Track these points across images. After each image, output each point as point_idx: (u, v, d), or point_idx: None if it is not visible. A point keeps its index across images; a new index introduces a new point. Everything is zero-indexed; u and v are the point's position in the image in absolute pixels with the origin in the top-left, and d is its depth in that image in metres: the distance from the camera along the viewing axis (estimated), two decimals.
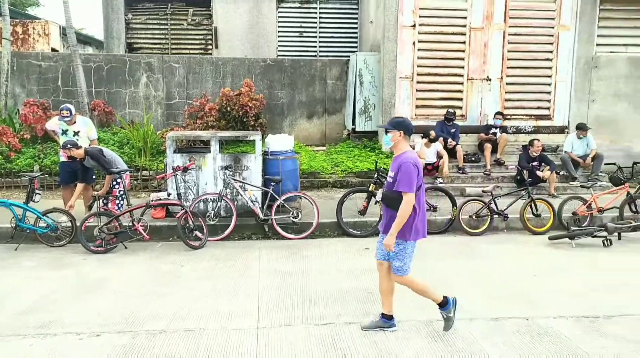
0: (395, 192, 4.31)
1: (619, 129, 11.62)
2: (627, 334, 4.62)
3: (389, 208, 4.45)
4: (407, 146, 4.48)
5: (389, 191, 4.44)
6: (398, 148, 4.45)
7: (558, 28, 11.38)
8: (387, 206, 4.46)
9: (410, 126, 4.48)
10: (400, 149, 4.45)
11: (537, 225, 8.27)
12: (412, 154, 4.38)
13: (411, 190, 4.26)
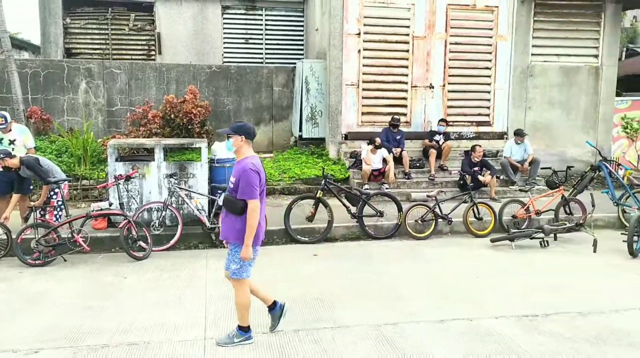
0: (238, 198, 4.25)
1: (553, 135, 12.17)
2: (563, 331, 4.82)
3: (229, 213, 4.36)
4: (250, 150, 4.40)
5: (230, 196, 4.36)
6: (240, 152, 4.38)
7: (496, 38, 11.83)
8: (228, 211, 4.36)
9: (252, 130, 4.40)
10: (242, 154, 4.37)
11: (479, 228, 8.53)
12: (253, 160, 4.32)
13: (255, 197, 4.22)
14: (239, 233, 4.29)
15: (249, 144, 4.39)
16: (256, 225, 4.26)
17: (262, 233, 4.47)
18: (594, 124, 12.27)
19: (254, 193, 4.21)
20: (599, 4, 11.92)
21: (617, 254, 7.36)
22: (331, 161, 11.17)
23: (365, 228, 8.24)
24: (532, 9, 11.77)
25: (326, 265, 6.85)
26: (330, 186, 8.46)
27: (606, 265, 6.98)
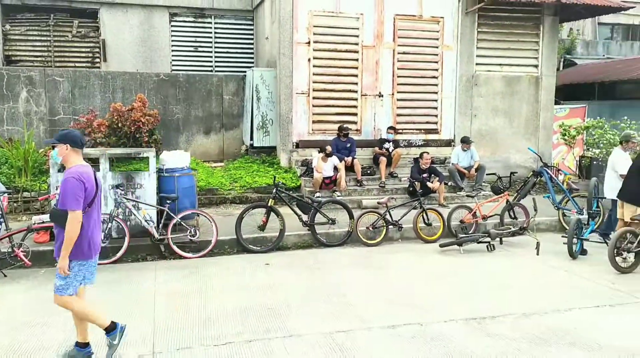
0: (62, 209, 4.04)
1: (498, 142, 12.58)
2: (509, 332, 4.97)
3: (57, 226, 4.15)
4: (78, 159, 4.20)
5: (56, 208, 4.20)
6: (68, 161, 4.18)
7: (442, 48, 12.15)
8: (56, 224, 4.18)
9: (78, 138, 4.22)
10: (70, 162, 4.18)
11: (429, 234, 8.70)
12: (80, 168, 4.11)
13: (77, 207, 3.99)
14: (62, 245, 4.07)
15: (76, 152, 4.18)
16: (75, 236, 4.01)
17: (94, 246, 4.21)
18: (535, 131, 12.76)
19: (74, 203, 3.97)
20: (537, 17, 12.44)
21: (558, 256, 7.65)
22: (283, 170, 11.15)
23: (317, 235, 8.26)
24: (475, 21, 12.16)
25: (278, 274, 6.82)
26: (281, 194, 8.45)
27: (548, 266, 7.25)
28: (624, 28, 23.64)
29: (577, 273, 6.92)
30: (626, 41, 22.08)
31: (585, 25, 22.11)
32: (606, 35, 23.32)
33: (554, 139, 12.98)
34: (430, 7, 11.96)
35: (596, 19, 22.04)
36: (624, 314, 5.50)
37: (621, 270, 6.84)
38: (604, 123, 11.46)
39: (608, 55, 19.59)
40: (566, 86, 15.27)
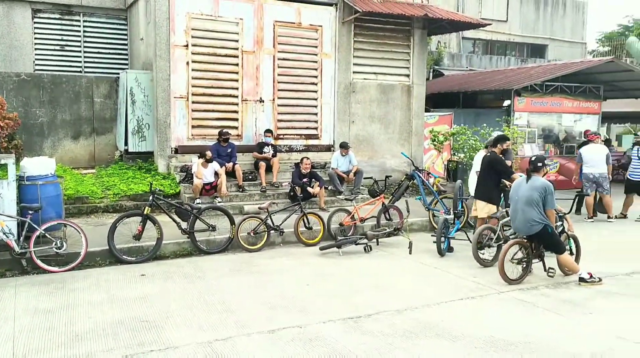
0: None
1: (374, 147, 13.15)
2: (383, 329, 5.20)
3: None
4: None
5: None
6: None
7: (321, 56, 12.46)
8: None
9: None
10: None
11: (309, 237, 8.84)
12: None
13: None
14: None
15: None
16: None
17: None
18: (408, 136, 13.52)
19: None
20: (408, 29, 13.21)
21: (428, 254, 8.15)
22: (161, 176, 10.75)
23: (197, 243, 8.06)
24: (352, 30, 12.62)
25: (155, 285, 6.55)
26: (159, 201, 8.14)
27: (420, 264, 7.69)
28: (484, 43, 25.89)
29: (445, 269, 7.41)
30: (486, 55, 24.17)
31: (451, 39, 23.87)
32: (469, 49, 25.36)
33: (425, 145, 13.82)
34: (309, 16, 12.23)
35: (460, 34, 23.90)
36: (484, 305, 5.99)
37: (484, 264, 7.43)
38: (467, 129, 12.43)
39: (471, 67, 21.32)
40: (435, 95, 16.34)
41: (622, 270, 7.35)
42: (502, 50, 26.34)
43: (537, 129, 15.34)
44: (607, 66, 15.00)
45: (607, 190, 10.85)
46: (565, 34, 27.45)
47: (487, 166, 8.25)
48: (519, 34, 26.28)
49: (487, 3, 25.04)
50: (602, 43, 41.94)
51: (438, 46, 22.22)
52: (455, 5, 23.97)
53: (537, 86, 14.63)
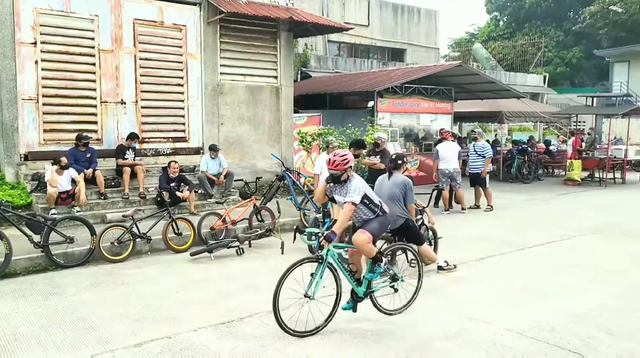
0: None
1: (245, 149, 13.08)
2: (256, 331, 5.19)
3: None
4: None
5: None
6: None
7: (186, 56, 12.12)
8: None
9: None
10: None
11: (179, 243, 8.56)
12: None
13: None
14: None
15: None
16: None
17: None
18: (278, 138, 13.64)
19: None
20: (274, 31, 13.32)
21: (300, 253, 8.23)
22: (9, 186, 9.77)
23: (52, 257, 7.42)
24: (217, 31, 12.43)
25: (4, 305, 5.92)
26: (6, 214, 7.40)
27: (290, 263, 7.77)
28: (348, 46, 26.93)
29: None
30: (350, 58, 25.17)
31: (317, 42, 24.51)
32: (335, 52, 26.24)
33: (294, 145, 14.04)
34: (172, 15, 11.83)
35: (326, 37, 24.64)
36: None
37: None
38: (333, 130, 12.84)
39: (336, 69, 22.05)
40: (303, 96, 16.66)
41: (473, 256, 8.04)
42: (365, 53, 27.60)
43: (399, 129, 16.30)
44: (457, 69, 16.35)
45: (459, 184, 11.83)
46: (421, 40, 29.44)
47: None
48: (380, 39, 27.71)
49: (350, 8, 26.08)
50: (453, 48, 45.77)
51: (305, 48, 22.69)
52: (320, 9, 24.68)
53: (397, 88, 15.52)
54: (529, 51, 35.58)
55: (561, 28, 39.30)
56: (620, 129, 21.99)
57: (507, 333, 5.11)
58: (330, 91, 16.43)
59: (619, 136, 21.84)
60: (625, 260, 7.82)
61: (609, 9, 37.92)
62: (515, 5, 40.97)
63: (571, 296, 6.24)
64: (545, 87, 31.03)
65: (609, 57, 34.26)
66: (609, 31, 35.90)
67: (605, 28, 36.00)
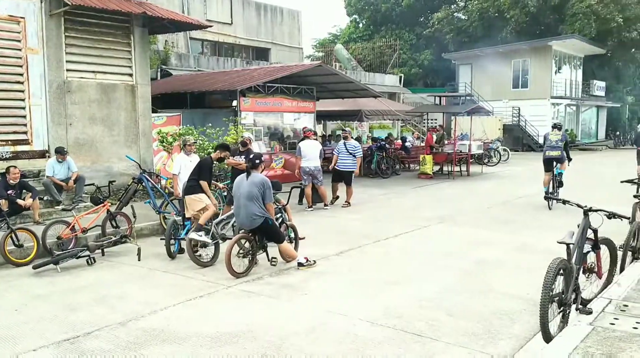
0: None
1: (98, 151, 12.26)
2: (104, 345, 4.87)
3: None
4: None
5: None
6: None
7: (26, 51, 11.05)
8: None
9: None
10: None
11: (20, 256, 7.79)
12: None
13: None
14: None
15: None
16: None
17: None
18: (136, 139, 12.97)
19: None
20: (127, 27, 12.62)
21: (159, 258, 7.96)
22: None
23: None
24: (62, 24, 11.48)
25: None
26: None
27: (148, 270, 7.45)
28: (212, 44, 26.50)
29: (175, 272, 7.33)
30: (214, 56, 24.77)
31: (179, 39, 23.77)
32: (198, 49, 25.65)
33: (154, 146, 13.46)
34: (7, 6, 10.72)
35: (187, 35, 23.99)
36: (211, 302, 6.10)
37: (202, 264, 7.49)
38: (193, 130, 12.51)
39: (199, 67, 21.55)
40: (164, 95, 16.05)
41: (332, 251, 8.29)
42: (230, 52, 27.33)
43: (263, 128, 16.35)
44: (317, 69, 16.81)
45: (321, 181, 12.15)
46: (285, 39, 29.86)
47: (196, 167, 8.39)
48: (244, 37, 27.62)
49: (212, 5, 25.65)
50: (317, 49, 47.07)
51: (165, 45, 21.89)
52: (180, 5, 23.96)
53: (260, 87, 15.53)
54: (387, 53, 37.73)
55: (414, 32, 42.15)
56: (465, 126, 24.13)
57: (360, 323, 5.33)
58: (191, 90, 16.01)
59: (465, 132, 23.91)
60: (465, 246, 8.56)
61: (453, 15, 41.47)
62: (373, 9, 43.16)
63: (420, 282, 6.69)
64: (402, 87, 33.10)
65: (455, 60, 37.46)
66: (454, 36, 39.22)
67: (451, 33, 39.27)
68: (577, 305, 5.02)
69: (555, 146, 12.05)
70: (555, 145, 12.06)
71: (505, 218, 10.98)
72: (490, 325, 5.28)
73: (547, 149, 12.30)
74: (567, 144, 12.35)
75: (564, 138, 12.25)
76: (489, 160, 23.01)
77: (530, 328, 5.08)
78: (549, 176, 12.19)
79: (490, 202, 12.94)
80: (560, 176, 12.30)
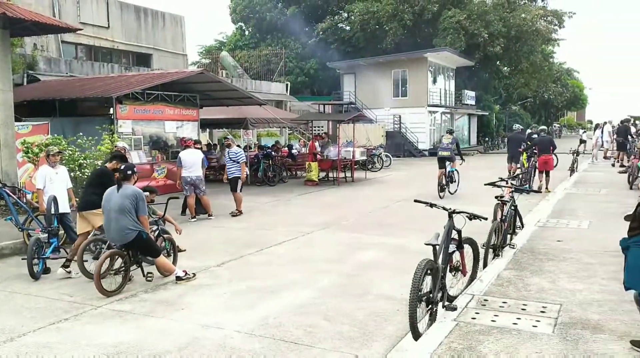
0: None
1: None
2: None
3: None
4: None
5: None
6: None
7: None
8: None
9: None
10: None
11: None
12: None
13: None
14: None
15: None
16: None
17: None
18: None
19: None
20: None
21: (20, 280, 7.29)
22: None
23: None
24: None
25: None
26: None
27: (8, 293, 6.78)
28: (87, 48, 24.96)
29: (38, 293, 6.74)
30: (89, 61, 23.35)
31: (49, 43, 22.12)
32: (72, 54, 24.04)
33: (19, 158, 12.34)
34: None
35: (59, 38, 22.40)
36: (77, 325, 5.66)
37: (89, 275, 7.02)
38: (61, 139, 11.64)
39: (71, 73, 20.18)
40: (30, 102, 14.83)
41: (214, 262, 8.10)
42: (107, 57, 25.92)
43: (143, 137, 15.67)
44: (200, 76, 16.44)
45: (203, 191, 11.85)
46: (168, 45, 28.90)
47: (96, 178, 7.96)
48: (123, 42, 26.34)
49: (86, 8, 24.18)
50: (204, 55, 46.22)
51: (34, 49, 20.28)
52: (50, 7, 22.32)
53: (139, 94, 14.88)
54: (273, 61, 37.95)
55: (299, 41, 42.83)
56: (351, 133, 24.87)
57: (237, 335, 5.22)
58: (61, 97, 14.91)
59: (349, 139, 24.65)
60: (347, 250, 8.77)
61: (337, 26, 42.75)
62: (258, 17, 43.25)
63: (300, 289, 6.72)
64: (288, 95, 33.41)
65: (339, 69, 38.59)
66: (339, 46, 40.44)
67: (335, 43, 40.42)
68: (444, 303, 5.31)
69: (447, 147, 14.90)
70: (447, 147, 14.90)
71: (385, 221, 11.41)
72: (366, 327, 5.42)
73: (440, 149, 15.29)
74: (458, 146, 15.20)
75: (454, 141, 15.02)
76: (372, 166, 23.90)
77: (404, 328, 5.26)
78: (441, 172, 14.57)
79: (372, 206, 13.40)
80: (452, 173, 14.78)
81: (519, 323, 4.82)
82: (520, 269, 6.62)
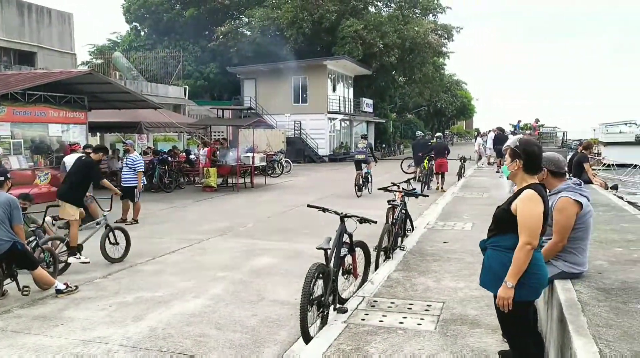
0: None
1: None
2: None
3: None
4: None
5: None
6: None
7: None
8: None
9: None
10: None
11: None
12: None
13: None
14: None
15: None
16: None
17: None
18: None
19: None
20: None
21: None
22: None
23: None
24: None
25: None
26: None
27: None
28: None
29: None
30: None
31: None
32: None
33: None
34: None
35: None
36: None
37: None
38: None
39: None
40: None
41: (100, 273, 7.66)
42: None
43: (24, 140, 14.54)
44: (89, 77, 15.55)
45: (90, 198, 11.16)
46: (54, 43, 27.08)
47: (80, 169, 8.17)
48: (4, 39, 24.33)
49: None
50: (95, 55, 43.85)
51: None
52: None
53: (19, 95, 13.79)
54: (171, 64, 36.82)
55: (199, 44, 41.96)
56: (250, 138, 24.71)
57: (121, 350, 4.96)
58: None
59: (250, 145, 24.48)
60: (242, 257, 8.66)
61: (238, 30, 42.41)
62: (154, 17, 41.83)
63: (192, 298, 6.52)
64: (187, 99, 32.58)
65: (240, 74, 38.30)
66: (239, 50, 40.07)
67: (236, 47, 40.03)
68: (335, 305, 5.39)
69: (361, 151, 16.64)
70: (361, 150, 16.65)
71: (282, 227, 11.42)
72: (258, 333, 5.37)
73: (355, 153, 17.54)
74: (372, 149, 16.84)
75: (369, 145, 16.62)
76: (273, 172, 23.89)
77: (296, 333, 5.27)
78: (358, 173, 16.13)
79: (270, 212, 13.37)
80: (368, 174, 16.34)
81: (405, 322, 5.00)
82: (408, 270, 6.88)
